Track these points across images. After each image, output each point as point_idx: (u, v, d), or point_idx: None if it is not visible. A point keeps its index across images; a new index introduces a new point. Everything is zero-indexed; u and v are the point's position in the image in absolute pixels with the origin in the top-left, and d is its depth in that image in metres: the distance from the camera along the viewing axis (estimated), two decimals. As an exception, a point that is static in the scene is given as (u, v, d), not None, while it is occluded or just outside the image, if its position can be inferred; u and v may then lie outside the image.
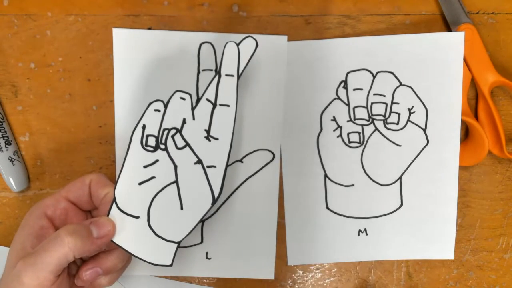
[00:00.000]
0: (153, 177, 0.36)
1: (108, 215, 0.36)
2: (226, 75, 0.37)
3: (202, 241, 0.44)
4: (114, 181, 0.41)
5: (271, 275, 0.44)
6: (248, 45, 0.37)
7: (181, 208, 0.36)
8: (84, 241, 0.33)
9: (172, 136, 0.36)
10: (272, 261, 0.44)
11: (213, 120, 0.37)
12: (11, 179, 0.42)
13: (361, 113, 0.43)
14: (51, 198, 0.36)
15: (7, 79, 0.43)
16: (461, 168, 0.44)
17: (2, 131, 0.42)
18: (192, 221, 0.37)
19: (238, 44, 0.37)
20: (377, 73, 0.43)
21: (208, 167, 0.36)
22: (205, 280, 0.44)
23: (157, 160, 0.36)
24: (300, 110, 0.43)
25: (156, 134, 0.36)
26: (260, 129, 0.43)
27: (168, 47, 0.42)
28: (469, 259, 0.45)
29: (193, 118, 0.37)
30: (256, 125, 0.43)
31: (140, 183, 0.36)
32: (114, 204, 0.36)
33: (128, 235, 0.36)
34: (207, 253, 0.44)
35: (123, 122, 0.43)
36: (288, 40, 0.43)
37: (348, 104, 0.43)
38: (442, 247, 0.44)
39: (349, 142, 0.43)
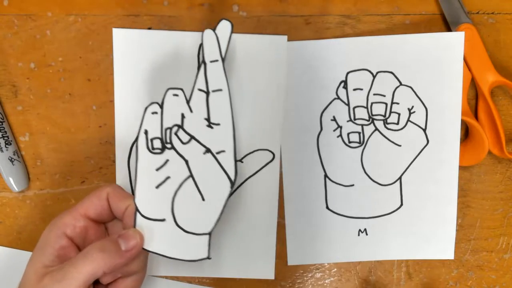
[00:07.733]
0: (168, 177, 0.37)
1: (134, 226, 0.36)
2: (211, 61, 0.37)
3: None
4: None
5: (271, 275, 0.44)
6: (223, 28, 0.38)
7: (203, 200, 0.37)
8: (112, 256, 0.33)
9: (176, 133, 0.37)
10: (272, 261, 0.44)
11: (210, 107, 0.37)
12: (11, 179, 0.42)
13: (361, 113, 0.43)
14: (69, 216, 0.35)
15: (7, 79, 0.43)
16: (461, 168, 0.44)
17: (2, 131, 0.42)
18: (217, 209, 0.37)
19: (214, 30, 0.38)
20: (377, 73, 0.43)
21: (218, 153, 0.37)
22: (205, 280, 0.44)
23: (167, 160, 0.37)
24: (300, 110, 0.43)
25: (159, 135, 0.37)
26: (260, 129, 0.43)
27: (168, 47, 0.42)
28: (469, 259, 0.45)
29: (191, 111, 0.37)
30: (256, 125, 0.43)
31: (157, 187, 0.36)
32: (138, 214, 0.36)
33: (160, 239, 0.36)
34: (207, 253, 0.44)
35: (123, 122, 0.43)
36: (288, 40, 0.43)
37: (348, 104, 0.43)
38: (442, 247, 0.44)
39: (349, 142, 0.43)
